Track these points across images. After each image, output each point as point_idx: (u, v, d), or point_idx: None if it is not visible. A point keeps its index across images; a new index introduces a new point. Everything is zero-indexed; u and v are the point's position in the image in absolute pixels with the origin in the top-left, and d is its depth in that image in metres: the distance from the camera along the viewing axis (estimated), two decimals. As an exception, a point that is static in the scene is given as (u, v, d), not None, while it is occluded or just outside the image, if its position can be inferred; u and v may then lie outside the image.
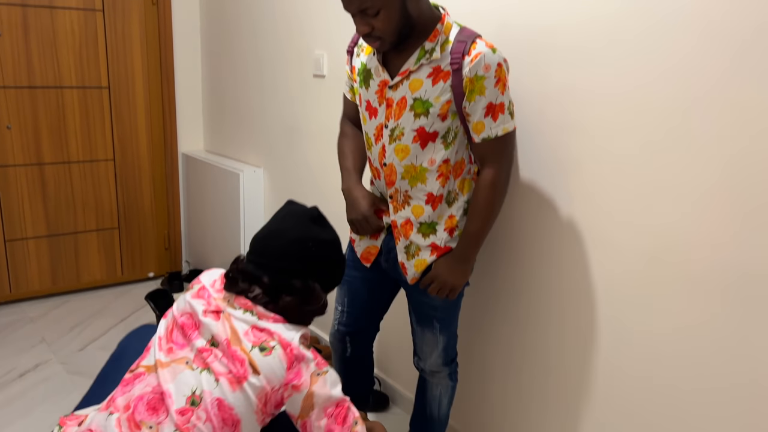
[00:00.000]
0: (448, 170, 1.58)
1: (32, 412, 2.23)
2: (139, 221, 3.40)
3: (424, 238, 1.62)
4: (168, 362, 1.28)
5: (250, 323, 1.28)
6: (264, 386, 1.23)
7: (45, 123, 3.01)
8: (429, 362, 1.78)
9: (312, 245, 1.35)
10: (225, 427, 1.21)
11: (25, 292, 3.14)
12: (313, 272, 1.36)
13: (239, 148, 3.14)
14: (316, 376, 1.27)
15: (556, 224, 1.69)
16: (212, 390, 1.22)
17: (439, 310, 1.70)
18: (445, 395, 1.82)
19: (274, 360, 1.24)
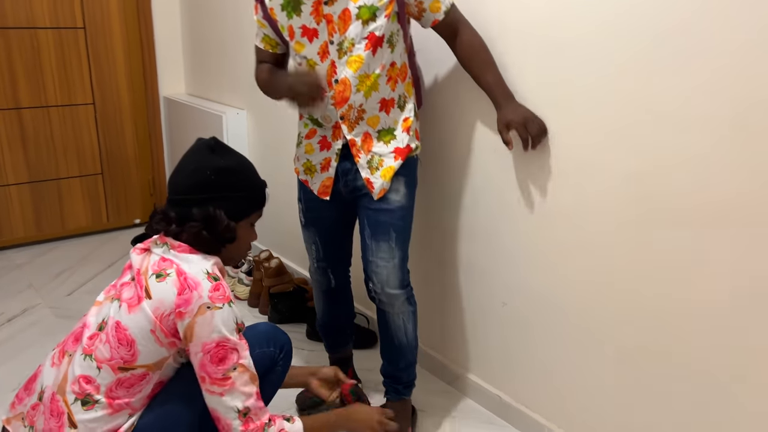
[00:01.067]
0: (396, 74, 1.65)
1: (21, 354, 2.24)
2: (123, 167, 3.36)
3: (386, 145, 1.68)
4: (101, 301, 1.40)
5: (160, 255, 1.33)
6: (155, 310, 1.27)
7: (20, 66, 2.93)
8: (386, 283, 1.72)
9: (210, 173, 1.37)
10: (120, 346, 1.28)
11: (10, 239, 3.12)
12: (213, 199, 1.36)
13: (222, 91, 3.08)
14: (205, 309, 1.27)
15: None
16: (114, 314, 1.31)
17: (396, 217, 1.70)
18: (409, 321, 1.80)
19: (167, 286, 1.28)
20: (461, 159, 1.91)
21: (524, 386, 1.89)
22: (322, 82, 1.60)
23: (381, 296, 1.75)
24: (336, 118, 1.68)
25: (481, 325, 1.99)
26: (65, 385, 1.30)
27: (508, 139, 1.65)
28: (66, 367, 1.33)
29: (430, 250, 2.10)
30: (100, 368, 1.28)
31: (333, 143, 1.73)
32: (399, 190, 1.70)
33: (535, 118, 1.64)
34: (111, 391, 1.29)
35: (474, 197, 1.91)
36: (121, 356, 1.28)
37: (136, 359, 1.29)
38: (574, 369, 1.73)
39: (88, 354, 1.30)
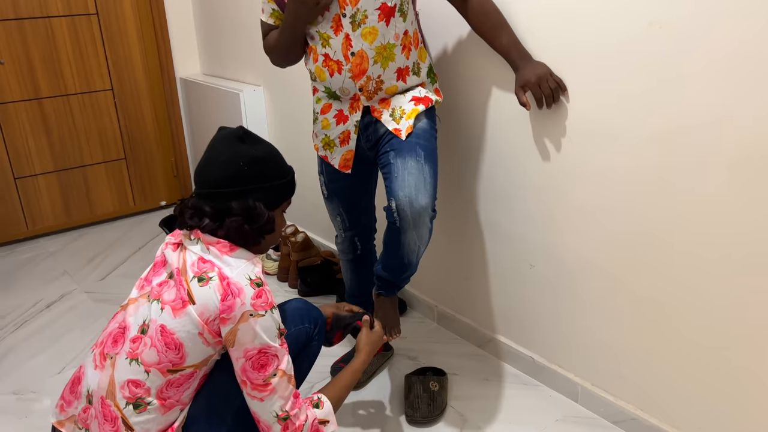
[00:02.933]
0: (409, 42, 1.67)
1: (65, 337, 2.31)
2: (145, 150, 3.39)
3: (404, 95, 1.70)
4: (136, 298, 1.37)
5: (198, 254, 1.31)
6: (201, 314, 1.26)
7: (37, 56, 2.95)
8: (414, 197, 1.58)
9: (243, 164, 1.32)
10: (168, 350, 1.27)
11: (42, 227, 3.19)
12: (251, 191, 1.33)
13: (237, 69, 3.08)
14: (248, 316, 1.26)
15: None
16: (157, 317, 1.28)
17: (422, 138, 1.67)
18: (423, 245, 1.68)
19: (210, 291, 1.26)
20: (479, 123, 1.90)
21: (556, 346, 1.90)
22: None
23: (406, 212, 1.59)
24: (355, 90, 1.68)
25: (509, 287, 1.99)
26: (114, 390, 1.29)
27: (523, 101, 1.64)
28: (110, 371, 1.31)
29: (453, 215, 2.10)
30: (148, 372, 1.27)
31: (350, 116, 1.73)
32: (423, 121, 1.70)
33: (551, 76, 1.62)
34: (161, 392, 1.29)
35: (493, 160, 1.89)
36: (170, 359, 1.27)
37: (185, 361, 1.28)
38: (605, 329, 1.73)
39: (133, 358, 1.28)
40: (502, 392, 1.94)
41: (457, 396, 1.93)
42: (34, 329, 2.37)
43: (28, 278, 2.78)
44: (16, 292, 2.66)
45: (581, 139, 1.64)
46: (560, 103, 1.65)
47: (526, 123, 1.77)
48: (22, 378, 2.08)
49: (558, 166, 1.72)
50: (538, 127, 1.74)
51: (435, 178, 1.65)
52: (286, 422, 1.32)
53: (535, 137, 1.76)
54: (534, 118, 1.74)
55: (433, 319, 2.33)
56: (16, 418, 1.89)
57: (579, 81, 1.59)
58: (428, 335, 2.25)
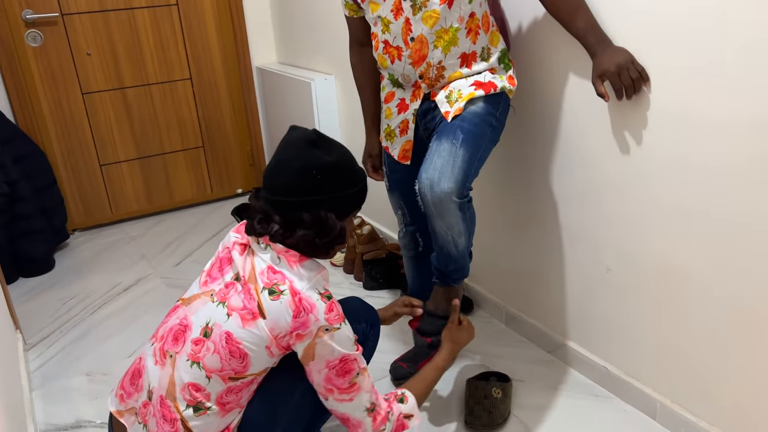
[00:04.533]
0: (476, 25, 1.56)
1: (137, 321, 2.39)
2: (222, 139, 3.46)
3: (466, 79, 1.60)
4: (199, 294, 1.34)
5: (268, 263, 1.27)
6: (271, 329, 1.23)
7: (121, 47, 3.05)
8: (436, 181, 1.47)
9: (316, 172, 1.26)
10: (233, 359, 1.24)
11: (125, 212, 3.32)
12: (323, 201, 1.28)
13: (310, 57, 3.05)
14: (324, 331, 1.24)
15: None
16: (222, 323, 1.25)
17: (467, 121, 1.55)
18: (460, 237, 1.56)
19: (281, 306, 1.22)
20: (552, 114, 1.76)
21: (633, 357, 1.75)
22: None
23: (427, 197, 1.48)
24: (415, 78, 1.61)
25: (583, 291, 1.85)
26: (174, 391, 1.27)
27: (601, 92, 1.49)
28: (170, 370, 1.29)
29: (524, 212, 1.97)
30: (209, 377, 1.25)
31: (411, 104, 1.67)
32: (477, 104, 1.58)
33: (633, 65, 1.46)
34: (221, 398, 1.27)
35: (568, 155, 1.75)
36: (233, 368, 1.25)
37: (248, 370, 1.26)
38: (689, 340, 1.57)
39: (195, 361, 1.26)
40: (571, 403, 1.81)
41: (521, 404, 1.82)
42: (110, 312, 2.47)
43: (109, 261, 2.90)
44: (97, 274, 2.78)
45: (666, 131, 1.47)
46: (642, 93, 1.49)
47: (604, 114, 1.61)
48: (96, 359, 2.16)
49: (639, 162, 1.56)
50: (618, 118, 1.58)
51: (470, 163, 1.51)
52: (374, 413, 1.35)
53: (614, 130, 1.60)
54: (613, 109, 1.58)
55: (501, 320, 2.21)
56: (87, 399, 1.96)
57: (664, 65, 1.43)
58: (495, 337, 2.14)
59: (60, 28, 2.91)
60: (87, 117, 3.08)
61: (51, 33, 2.90)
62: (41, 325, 2.39)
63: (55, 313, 2.47)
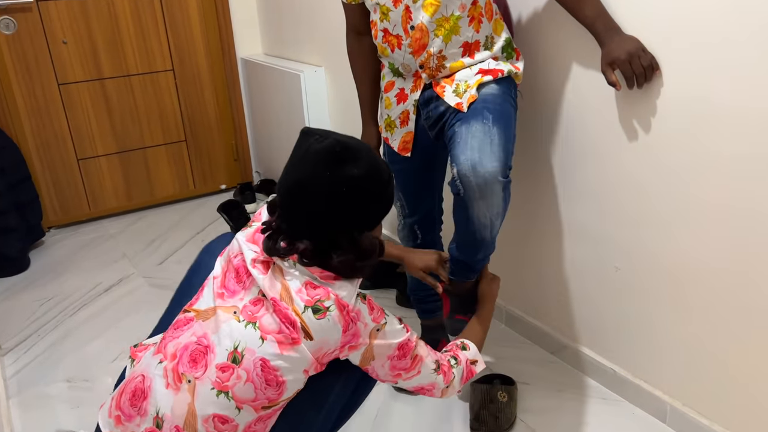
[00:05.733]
0: (479, 13, 1.51)
1: (120, 323, 2.27)
2: (205, 133, 3.34)
3: (470, 69, 1.54)
4: (215, 308, 1.18)
5: (304, 279, 1.12)
6: (316, 351, 1.12)
7: (100, 35, 2.92)
8: (478, 161, 1.36)
9: (346, 189, 1.10)
10: (269, 387, 1.12)
11: (103, 209, 3.19)
12: (356, 220, 1.15)
13: (298, 49, 2.95)
14: (375, 332, 1.17)
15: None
16: (256, 349, 1.10)
17: (490, 102, 1.47)
18: (498, 218, 1.45)
19: (329, 323, 1.10)
20: (561, 106, 1.69)
21: (642, 359, 1.70)
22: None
23: (470, 180, 1.37)
24: (415, 67, 1.55)
25: (590, 291, 1.80)
26: (195, 423, 1.12)
27: (612, 80, 1.45)
28: (188, 397, 1.13)
29: (529, 208, 1.91)
30: (240, 408, 1.12)
31: (410, 95, 1.61)
32: (492, 86, 1.51)
33: (643, 53, 1.42)
34: (249, 427, 1.15)
35: (579, 148, 1.69)
36: (268, 396, 1.13)
37: (282, 395, 1.15)
38: (701, 341, 1.52)
39: (223, 390, 1.11)
40: (578, 406, 1.76)
41: (527, 408, 1.75)
42: (91, 313, 2.35)
43: (88, 260, 2.77)
44: (76, 274, 2.65)
45: (683, 121, 1.42)
46: (659, 83, 1.43)
47: (614, 106, 1.56)
48: (76, 365, 2.04)
49: (653, 156, 1.51)
50: (629, 109, 1.52)
51: (507, 140, 1.42)
52: (440, 369, 1.31)
53: (625, 122, 1.54)
54: (624, 100, 1.53)
55: (500, 320, 2.15)
56: (68, 407, 1.85)
57: (683, 53, 1.37)
58: (495, 338, 2.08)
59: (35, 15, 2.77)
60: (63, 109, 2.94)
61: (25, 20, 2.76)
62: (17, 329, 2.26)
63: (32, 316, 2.34)
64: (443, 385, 1.33)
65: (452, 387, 1.35)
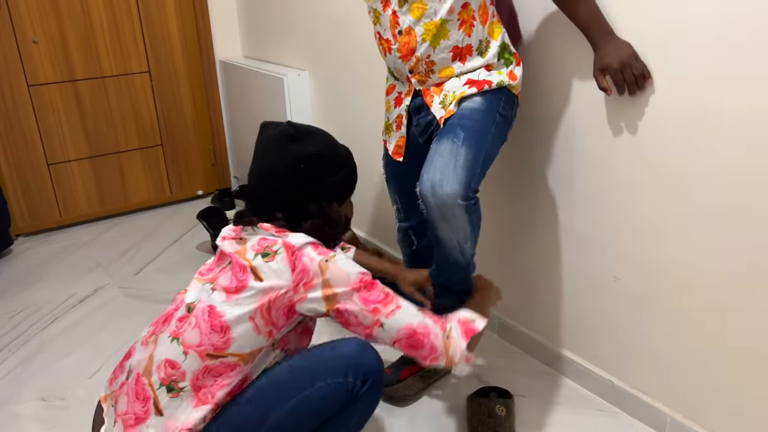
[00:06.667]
0: (471, 16, 1.45)
1: (96, 336, 2.17)
2: (182, 137, 3.23)
3: (459, 78, 1.50)
4: (194, 279, 1.32)
5: (260, 236, 1.24)
6: (266, 291, 1.18)
7: (72, 35, 2.80)
8: (438, 183, 1.34)
9: (304, 166, 1.26)
10: (213, 332, 1.19)
11: (75, 216, 3.06)
12: (319, 191, 1.29)
13: (280, 51, 2.88)
14: (324, 263, 1.21)
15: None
16: (206, 298, 1.22)
17: (467, 118, 1.45)
18: (466, 242, 1.43)
19: (278, 264, 1.19)
20: (556, 110, 1.66)
21: (640, 370, 1.67)
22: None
23: (429, 200, 1.36)
24: (406, 72, 1.53)
25: (587, 301, 1.77)
26: (151, 368, 1.22)
27: (603, 86, 1.45)
28: (152, 348, 1.24)
29: (523, 215, 1.87)
30: (186, 353, 1.19)
31: (404, 99, 1.59)
32: (475, 99, 1.48)
33: (636, 62, 1.41)
34: (197, 379, 1.20)
35: (574, 155, 1.66)
36: (212, 343, 1.19)
37: (229, 346, 1.19)
38: (702, 352, 1.50)
39: (175, 337, 1.21)
40: (576, 419, 1.72)
41: (524, 421, 1.71)
42: (65, 326, 2.23)
43: (61, 270, 2.65)
44: (47, 284, 2.53)
45: (681, 129, 1.40)
46: (655, 89, 1.41)
47: (612, 112, 1.53)
48: (51, 382, 1.93)
49: (653, 163, 1.48)
50: (628, 116, 1.50)
51: (473, 161, 1.38)
52: (424, 314, 1.28)
53: (624, 129, 1.52)
54: (623, 107, 1.50)
55: (493, 331, 2.11)
56: (44, 428, 1.74)
57: (679, 58, 1.35)
58: (488, 348, 2.03)
59: (3, 12, 2.64)
60: (33, 111, 2.81)
61: (-7, 18, 2.63)
62: (-15, 344, 2.14)
63: (1, 330, 2.22)
64: (442, 334, 1.26)
65: (454, 340, 1.28)
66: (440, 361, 1.28)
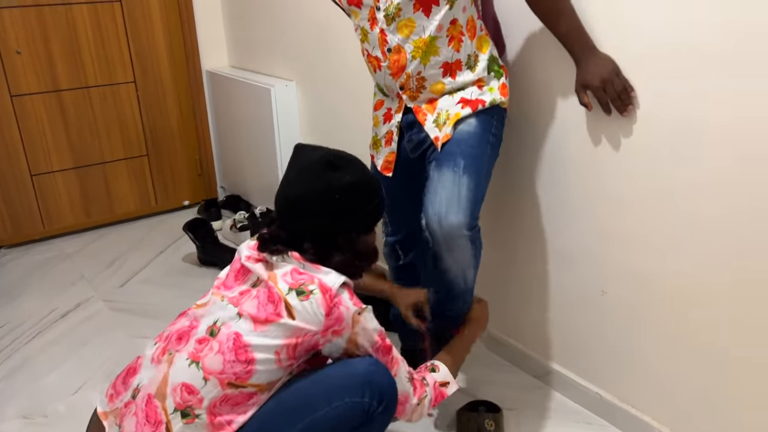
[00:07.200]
0: (459, 32, 1.45)
1: (79, 351, 2.13)
2: (168, 147, 3.21)
3: (452, 96, 1.51)
4: (207, 302, 1.29)
5: (291, 267, 1.21)
6: (297, 331, 1.16)
7: (57, 45, 2.77)
8: (444, 214, 1.38)
9: (339, 196, 1.23)
10: (237, 362, 1.15)
11: (59, 227, 3.02)
12: (351, 222, 1.27)
13: (268, 62, 2.87)
14: (357, 316, 1.21)
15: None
16: (233, 324, 1.18)
17: (465, 144, 1.47)
18: (470, 268, 1.48)
19: (312, 305, 1.16)
20: (544, 123, 1.67)
21: (629, 383, 1.67)
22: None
23: (436, 232, 1.40)
24: (396, 89, 1.52)
25: (575, 314, 1.77)
26: (165, 391, 1.17)
27: (584, 102, 1.46)
28: (166, 367, 1.19)
29: (511, 228, 1.87)
30: (207, 379, 1.16)
31: (395, 115, 1.58)
32: (470, 122, 1.49)
33: (617, 78, 1.41)
34: (214, 406, 1.16)
35: (562, 168, 1.66)
36: (235, 371, 1.16)
37: (250, 377, 1.17)
38: (691, 365, 1.50)
39: (195, 360, 1.17)
40: None
41: (514, 436, 1.71)
42: (48, 341, 2.20)
43: (44, 282, 2.61)
44: (30, 298, 2.49)
45: (667, 142, 1.40)
46: (641, 101, 1.42)
47: (600, 123, 1.53)
48: (33, 399, 1.90)
49: (641, 176, 1.49)
50: (616, 128, 1.50)
51: (476, 190, 1.43)
52: (413, 381, 1.34)
53: (611, 140, 1.52)
54: (610, 118, 1.50)
55: (483, 344, 2.10)
56: (24, 447, 1.71)
57: (665, 73, 1.36)
58: (477, 361, 2.03)
59: (-14, 23, 2.61)
60: (16, 121, 2.77)
61: (-25, 27, 2.60)
62: (-35, 359, 2.10)
63: (-18, 345, 2.19)
64: (415, 400, 1.34)
65: (422, 406, 1.37)
66: (400, 417, 1.35)
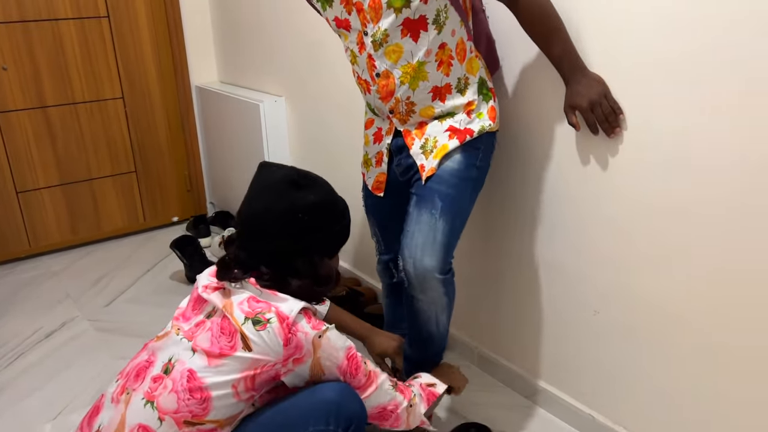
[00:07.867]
0: (448, 56, 1.43)
1: (63, 373, 2.09)
2: (157, 163, 3.18)
3: (441, 122, 1.49)
4: (168, 332, 1.25)
5: (248, 294, 1.18)
6: (254, 362, 1.13)
7: (43, 61, 2.74)
8: (419, 258, 1.42)
9: (302, 215, 1.21)
10: (192, 400, 1.13)
11: (45, 245, 2.98)
12: (314, 244, 1.24)
13: (257, 77, 2.85)
14: (317, 339, 1.18)
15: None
16: (187, 360, 1.15)
17: (446, 184, 1.47)
18: (443, 313, 1.52)
19: (269, 335, 1.13)
20: (533, 140, 1.65)
21: (623, 405, 1.64)
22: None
23: (411, 274, 1.45)
24: (386, 112, 1.51)
25: (567, 333, 1.74)
26: (123, 431, 1.15)
27: (573, 122, 1.45)
28: (123, 408, 1.17)
29: (502, 247, 1.85)
30: (162, 420, 1.13)
31: (385, 137, 1.57)
32: (455, 158, 1.48)
33: (605, 100, 1.40)
34: None
35: (555, 188, 1.65)
36: (190, 410, 1.13)
37: (207, 413, 1.14)
38: (685, 387, 1.48)
39: (150, 400, 1.15)
40: (558, 455, 1.69)
41: (505, 459, 1.68)
42: (30, 363, 2.15)
43: (28, 302, 2.56)
44: (13, 317, 2.44)
45: (661, 163, 1.39)
46: (633, 121, 1.41)
47: (591, 144, 1.52)
48: (13, 422, 1.85)
49: (633, 197, 1.47)
50: (607, 149, 1.49)
51: (451, 234, 1.47)
52: (398, 387, 1.32)
53: (603, 161, 1.51)
54: (601, 137, 1.49)
55: (472, 362, 2.07)
56: (3, 474, 1.67)
57: (657, 93, 1.35)
58: (469, 382, 1.98)
59: (-29, 39, 2.59)
60: (2, 138, 2.74)
61: (-40, 44, 2.57)
62: (-55, 382, 2.05)
63: (-38, 367, 2.14)
64: (405, 403, 1.32)
65: (416, 406, 1.34)
66: (400, 427, 1.33)
